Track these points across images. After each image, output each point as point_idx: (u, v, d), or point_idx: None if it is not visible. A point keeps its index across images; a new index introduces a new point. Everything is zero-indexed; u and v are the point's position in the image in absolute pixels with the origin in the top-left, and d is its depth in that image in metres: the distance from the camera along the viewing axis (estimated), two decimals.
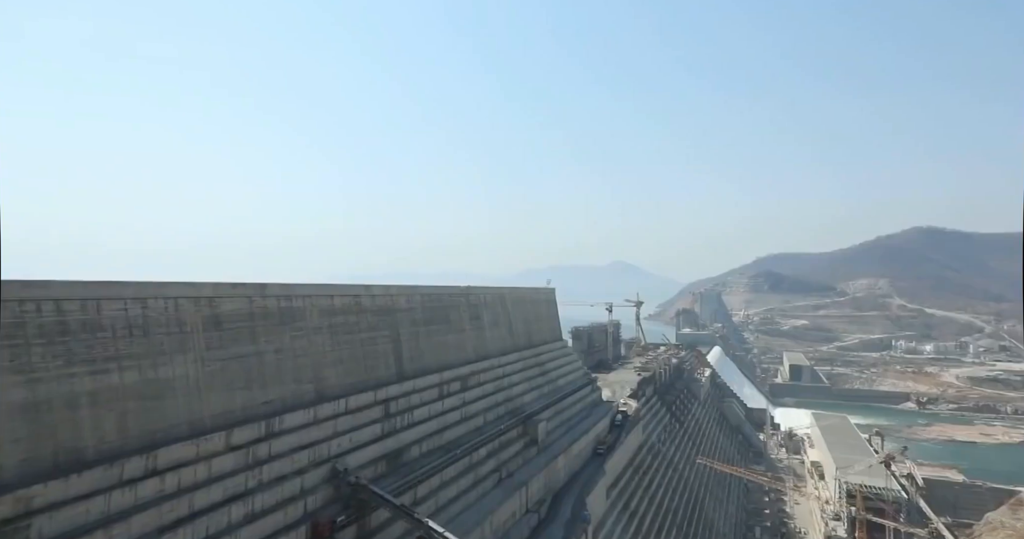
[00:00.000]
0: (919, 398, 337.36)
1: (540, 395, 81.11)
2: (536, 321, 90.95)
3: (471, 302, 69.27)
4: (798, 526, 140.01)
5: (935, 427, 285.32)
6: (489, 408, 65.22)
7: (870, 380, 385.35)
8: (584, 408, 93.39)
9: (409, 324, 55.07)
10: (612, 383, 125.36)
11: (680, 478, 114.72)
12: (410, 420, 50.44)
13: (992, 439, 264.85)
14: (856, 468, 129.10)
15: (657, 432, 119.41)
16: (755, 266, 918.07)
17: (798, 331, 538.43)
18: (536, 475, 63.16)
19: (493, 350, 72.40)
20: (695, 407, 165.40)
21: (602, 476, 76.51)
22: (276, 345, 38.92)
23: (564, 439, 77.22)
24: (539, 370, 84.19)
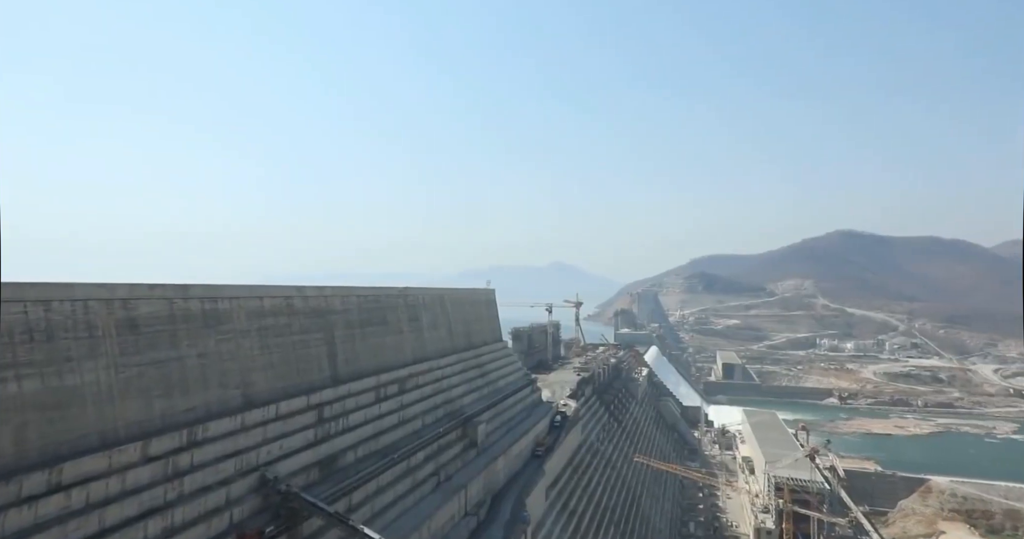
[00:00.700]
0: (841, 394, 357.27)
1: (480, 397, 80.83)
2: (476, 322, 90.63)
3: (409, 303, 68.27)
4: (730, 520, 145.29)
5: (855, 421, 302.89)
6: (428, 411, 64.43)
7: (797, 377, 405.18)
8: (524, 409, 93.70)
9: (344, 326, 53.67)
10: (552, 383, 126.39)
11: (618, 476, 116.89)
12: (345, 425, 49.15)
13: (905, 431, 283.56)
14: (784, 462, 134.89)
15: (596, 431, 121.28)
16: (690, 267, 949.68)
17: (731, 330, 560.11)
18: (475, 477, 62.85)
19: (432, 352, 71.61)
20: (633, 406, 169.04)
21: (541, 476, 76.95)
22: (200, 349, 37.01)
23: (504, 440, 77.22)
24: (479, 371, 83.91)
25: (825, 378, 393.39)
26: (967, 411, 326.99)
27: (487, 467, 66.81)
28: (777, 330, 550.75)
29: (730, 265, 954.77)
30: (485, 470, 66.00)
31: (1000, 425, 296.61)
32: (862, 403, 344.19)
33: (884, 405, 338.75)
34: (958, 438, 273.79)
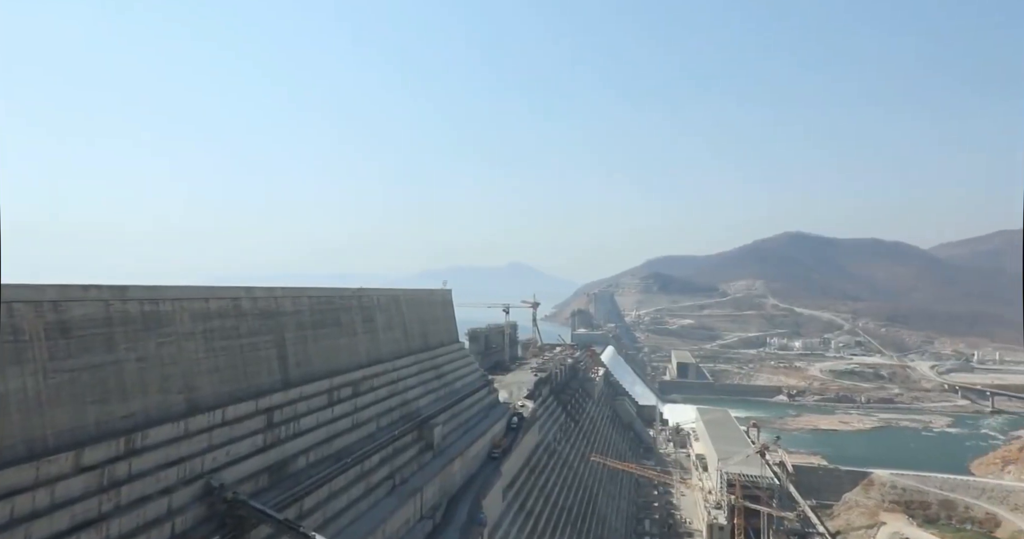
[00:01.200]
0: (789, 391, 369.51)
1: (436, 398, 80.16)
2: (432, 323, 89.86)
3: (364, 304, 67.11)
4: (684, 516, 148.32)
5: (803, 417, 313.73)
6: (383, 413, 63.49)
7: (748, 375, 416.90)
8: (481, 410, 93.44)
9: (296, 328, 52.31)
10: (509, 384, 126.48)
11: (575, 476, 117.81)
12: (296, 429, 47.90)
13: (849, 426, 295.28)
14: (735, 459, 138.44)
15: (553, 432, 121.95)
16: (646, 268, 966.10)
17: (685, 330, 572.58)
18: (431, 480, 62.32)
19: (387, 353, 70.60)
20: (589, 406, 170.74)
21: (498, 478, 76.85)
22: (139, 353, 35.37)
23: (461, 442, 76.82)
24: (435, 373, 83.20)
25: (775, 376, 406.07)
26: (906, 406, 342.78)
27: (443, 469, 66.33)
28: (729, 329, 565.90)
29: (684, 266, 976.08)
30: (441, 472, 65.52)
31: (936, 419, 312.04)
32: (810, 400, 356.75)
33: (830, 402, 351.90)
34: (898, 432, 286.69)
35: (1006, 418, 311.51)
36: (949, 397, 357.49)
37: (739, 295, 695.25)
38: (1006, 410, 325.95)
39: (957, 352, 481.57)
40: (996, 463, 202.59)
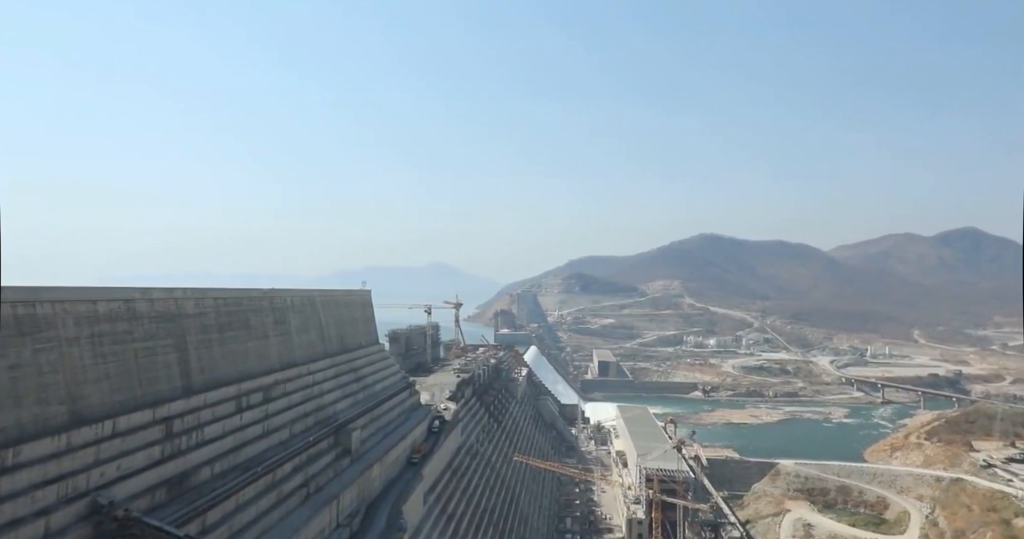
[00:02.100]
0: (704, 387, 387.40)
1: (354, 402, 78.05)
2: (350, 324, 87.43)
3: (276, 306, 64.25)
4: (605, 512, 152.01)
5: (717, 412, 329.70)
6: (296, 419, 61.05)
7: (666, 373, 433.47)
8: (402, 413, 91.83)
9: (199, 331, 49.26)
10: (431, 386, 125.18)
11: (498, 477, 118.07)
12: (200, 439, 45.12)
13: (759, 420, 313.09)
14: (654, 454, 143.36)
15: (476, 433, 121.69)
16: (568, 268, 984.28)
17: (606, 329, 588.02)
18: (349, 487, 60.51)
19: (301, 357, 67.95)
20: (513, 406, 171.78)
21: (419, 482, 75.74)
22: (11, 361, 32.02)
23: (380, 447, 75.12)
24: (353, 376, 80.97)
25: (691, 373, 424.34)
26: (809, 399, 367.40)
27: (362, 475, 64.59)
28: (649, 328, 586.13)
29: (605, 266, 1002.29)
30: (360, 478, 63.77)
31: (835, 411, 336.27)
32: (723, 395, 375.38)
33: (741, 396, 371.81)
34: (802, 424, 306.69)
35: (894, 408, 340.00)
36: (846, 390, 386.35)
37: (658, 295, 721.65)
38: (894, 400, 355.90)
39: (853, 347, 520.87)
40: (885, 450, 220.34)
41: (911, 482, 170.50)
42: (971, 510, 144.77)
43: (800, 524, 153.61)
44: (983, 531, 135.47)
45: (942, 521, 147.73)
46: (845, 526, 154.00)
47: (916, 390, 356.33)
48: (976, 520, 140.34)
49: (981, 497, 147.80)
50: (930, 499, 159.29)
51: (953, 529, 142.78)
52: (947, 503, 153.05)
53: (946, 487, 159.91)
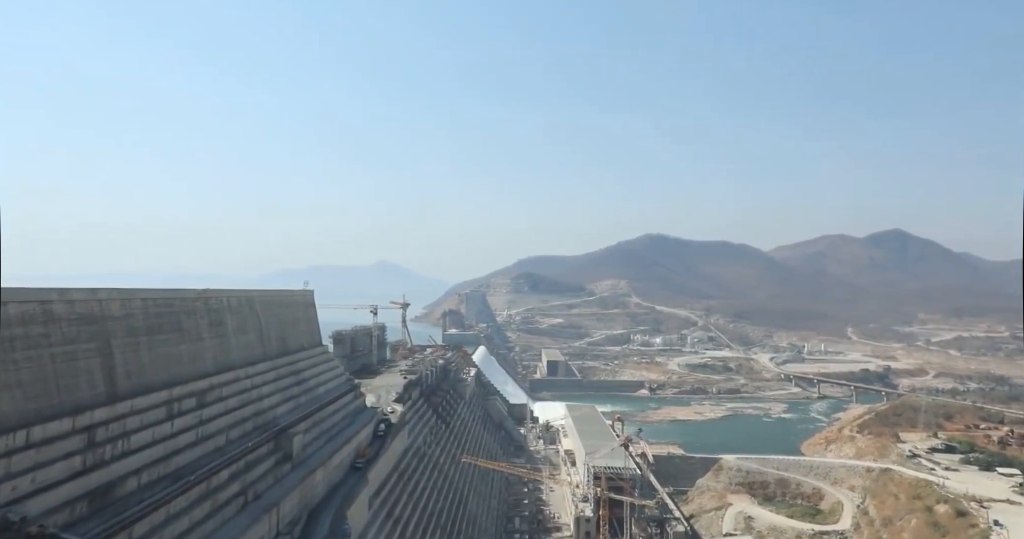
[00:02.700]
0: (651, 385, 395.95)
1: (296, 406, 75.95)
2: (292, 326, 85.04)
3: (211, 307, 61.77)
4: (553, 511, 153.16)
5: (663, 409, 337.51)
6: (234, 425, 58.90)
7: (614, 371, 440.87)
8: (346, 416, 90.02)
9: (126, 334, 46.79)
10: (377, 388, 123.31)
11: (445, 479, 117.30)
12: (126, 448, 42.89)
13: (703, 416, 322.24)
14: (601, 452, 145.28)
15: (423, 435, 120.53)
16: (517, 268, 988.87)
17: (555, 329, 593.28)
18: (290, 493, 58.86)
19: (239, 360, 65.58)
20: (461, 407, 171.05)
21: (364, 486, 74.42)
22: None
23: (323, 451, 73.38)
24: (295, 379, 78.78)
25: (638, 371, 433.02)
26: (750, 395, 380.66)
27: (304, 481, 62.94)
28: (597, 327, 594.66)
29: (554, 266, 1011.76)
30: (302, 484, 62.12)
31: (774, 406, 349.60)
32: (669, 393, 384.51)
33: (686, 393, 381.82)
34: (743, 419, 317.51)
35: (829, 402, 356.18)
36: (785, 386, 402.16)
37: (605, 294, 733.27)
38: (829, 395, 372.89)
39: (791, 345, 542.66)
40: (821, 443, 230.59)
41: (844, 473, 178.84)
42: (898, 498, 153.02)
43: (741, 517, 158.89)
44: (908, 518, 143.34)
45: (872, 510, 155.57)
46: (783, 518, 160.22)
47: (849, 385, 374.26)
48: (902, 508, 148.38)
49: (907, 486, 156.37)
50: (861, 489, 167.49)
51: (882, 517, 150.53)
52: (876, 492, 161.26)
53: (876, 477, 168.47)
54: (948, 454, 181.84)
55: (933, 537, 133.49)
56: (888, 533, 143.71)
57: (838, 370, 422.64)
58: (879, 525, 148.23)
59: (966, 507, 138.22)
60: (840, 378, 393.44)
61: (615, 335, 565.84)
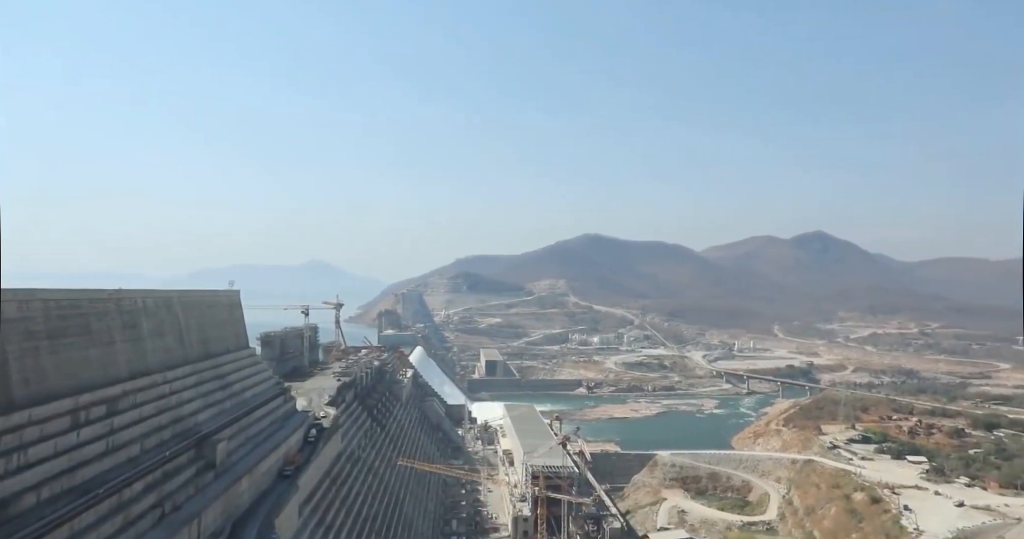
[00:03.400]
0: (588, 384, 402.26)
1: (220, 411, 72.73)
2: (215, 328, 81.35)
3: (124, 308, 58.15)
4: (491, 512, 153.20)
5: (600, 408, 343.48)
6: (149, 433, 55.74)
7: (552, 370, 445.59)
8: (275, 421, 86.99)
9: (24, 338, 43.36)
10: (309, 391, 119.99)
11: (381, 483, 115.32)
12: (23, 461, 39.77)
13: (638, 414, 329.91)
14: (540, 452, 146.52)
15: (358, 438, 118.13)
16: (455, 267, 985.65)
17: (493, 329, 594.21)
18: (212, 503, 56.21)
19: (156, 364, 62.15)
20: (397, 409, 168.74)
21: (294, 493, 72.02)
22: None
23: (250, 458, 70.57)
24: (219, 383, 75.43)
25: (576, 370, 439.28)
26: (684, 392, 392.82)
27: (228, 490, 60.27)
28: (535, 327, 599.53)
29: (492, 265, 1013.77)
30: (225, 494, 59.47)
31: (706, 402, 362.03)
32: (606, 391, 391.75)
33: (623, 391, 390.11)
34: (677, 416, 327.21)
35: (757, 398, 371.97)
36: (716, 382, 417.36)
37: (544, 294, 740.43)
38: (758, 391, 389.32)
39: (723, 342, 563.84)
40: (750, 437, 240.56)
41: (771, 466, 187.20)
42: (819, 488, 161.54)
43: (675, 511, 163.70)
44: (829, 506, 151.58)
45: (796, 500, 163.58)
46: (715, 510, 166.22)
47: (776, 381, 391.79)
48: (823, 497, 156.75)
49: (828, 476, 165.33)
50: (786, 480, 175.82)
51: (804, 506, 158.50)
52: (800, 483, 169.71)
53: (799, 468, 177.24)
54: (864, 444, 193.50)
55: (850, 524, 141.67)
56: (810, 522, 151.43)
57: (766, 366, 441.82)
58: (802, 514, 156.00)
59: (880, 494, 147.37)
60: (768, 374, 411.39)
61: (553, 334, 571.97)
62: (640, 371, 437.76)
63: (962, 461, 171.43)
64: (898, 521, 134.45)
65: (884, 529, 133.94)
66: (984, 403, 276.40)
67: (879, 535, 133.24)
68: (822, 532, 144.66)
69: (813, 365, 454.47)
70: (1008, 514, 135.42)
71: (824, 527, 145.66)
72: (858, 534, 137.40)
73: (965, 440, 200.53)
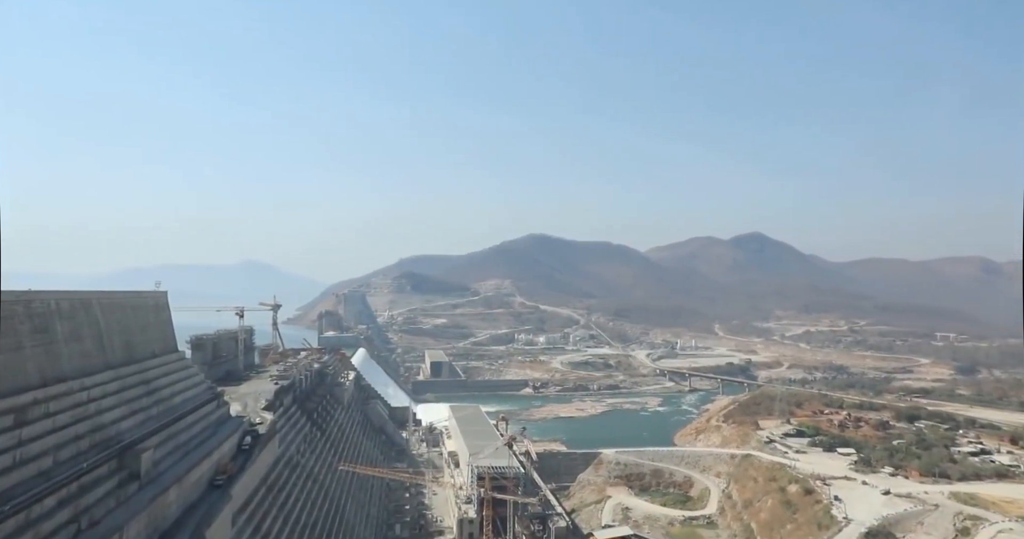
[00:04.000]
0: (535, 384, 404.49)
1: (146, 419, 69.16)
2: (140, 331, 77.30)
3: (35, 311, 54.32)
4: (436, 515, 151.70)
5: (546, 407, 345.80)
6: (64, 443, 52.36)
7: (498, 371, 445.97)
8: (207, 428, 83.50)
9: None
10: (244, 396, 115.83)
11: (321, 489, 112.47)
12: None
13: (584, 412, 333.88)
14: (485, 453, 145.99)
15: (296, 443, 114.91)
16: (399, 267, 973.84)
17: (438, 329, 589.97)
18: (136, 516, 53.37)
19: (72, 370, 58.41)
20: (338, 412, 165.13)
21: (227, 502, 69.29)
22: None
23: (179, 467, 67.45)
24: (144, 389, 71.70)
25: (522, 370, 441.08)
26: (628, 390, 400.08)
27: (153, 501, 57.38)
28: (481, 327, 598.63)
29: (437, 265, 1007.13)
30: (151, 505, 56.58)
31: (650, 400, 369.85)
32: (552, 391, 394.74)
33: (569, 391, 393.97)
34: (622, 414, 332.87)
35: (699, 395, 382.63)
36: (660, 380, 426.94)
37: (490, 294, 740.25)
38: (699, 388, 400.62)
39: (666, 341, 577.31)
40: (691, 434, 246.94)
41: (711, 461, 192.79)
42: (757, 482, 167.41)
43: (619, 508, 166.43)
44: (765, 499, 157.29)
45: (735, 494, 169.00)
46: (657, 506, 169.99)
47: (716, 378, 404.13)
48: (760, 490, 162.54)
49: (764, 469, 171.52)
50: (726, 475, 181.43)
51: (743, 500, 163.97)
52: (738, 477, 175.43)
53: (738, 463, 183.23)
54: (798, 438, 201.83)
55: (785, 515, 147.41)
56: (748, 514, 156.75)
57: (707, 364, 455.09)
58: (741, 507, 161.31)
59: (812, 486, 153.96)
60: (708, 372, 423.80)
61: (499, 335, 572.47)
62: (586, 370, 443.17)
63: (887, 452, 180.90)
64: (829, 511, 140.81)
65: (816, 519, 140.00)
66: (906, 396, 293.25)
67: (811, 525, 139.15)
68: (759, 524, 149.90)
69: (751, 362, 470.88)
70: (927, 501, 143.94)
71: (761, 519, 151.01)
72: (792, 525, 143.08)
73: (890, 432, 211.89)
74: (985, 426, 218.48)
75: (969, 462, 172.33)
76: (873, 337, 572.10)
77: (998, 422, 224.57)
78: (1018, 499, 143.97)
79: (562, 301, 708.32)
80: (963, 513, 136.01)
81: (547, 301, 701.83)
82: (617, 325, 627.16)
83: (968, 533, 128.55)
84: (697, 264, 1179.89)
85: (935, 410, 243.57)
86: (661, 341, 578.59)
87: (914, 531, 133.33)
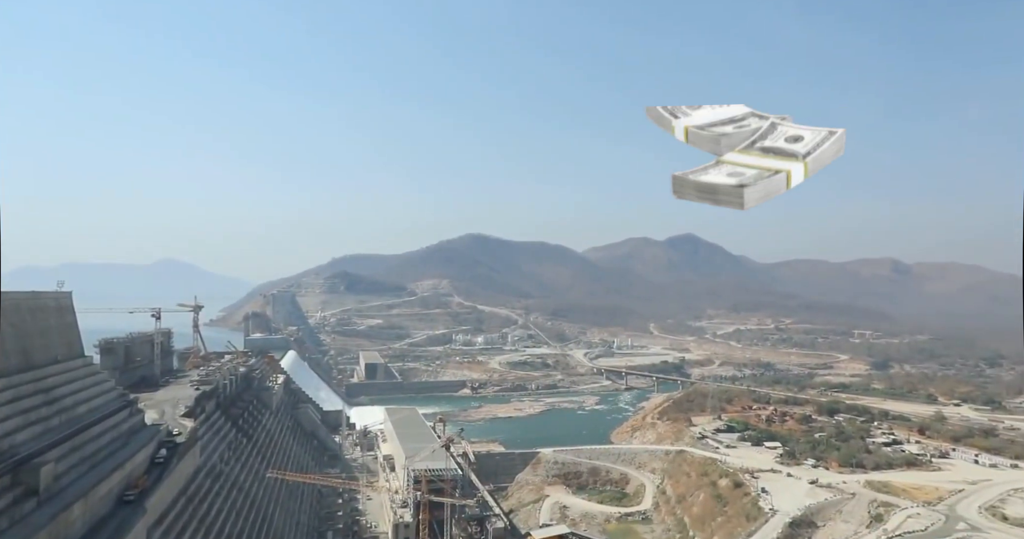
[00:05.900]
0: (472, 384, 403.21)
1: (46, 430, 64.29)
2: (40, 335, 71.73)
3: None
4: (370, 521, 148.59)
5: (485, 408, 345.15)
6: None
7: (436, 372, 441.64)
8: (118, 438, 78.48)
9: None
10: (161, 402, 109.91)
11: (247, 498, 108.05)
12: None
13: (523, 412, 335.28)
14: (422, 455, 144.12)
15: (220, 451, 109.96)
16: (331, 267, 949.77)
17: (374, 330, 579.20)
18: (35, 535, 49.49)
19: None
20: (266, 418, 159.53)
21: (141, 516, 65.23)
22: None
23: (85, 481, 63.02)
24: (43, 398, 66.59)
25: (460, 371, 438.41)
26: (566, 389, 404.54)
27: (55, 519, 53.26)
28: (418, 328, 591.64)
29: (372, 265, 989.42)
30: (52, 523, 52.49)
31: (588, 399, 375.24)
32: (490, 391, 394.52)
33: (507, 391, 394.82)
34: (560, 413, 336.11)
35: (635, 393, 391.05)
36: (597, 379, 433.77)
37: (427, 294, 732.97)
38: (636, 386, 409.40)
39: (603, 340, 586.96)
40: (628, 431, 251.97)
41: (647, 458, 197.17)
42: (690, 477, 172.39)
43: (557, 507, 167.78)
44: (697, 493, 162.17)
45: (669, 489, 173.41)
46: (594, 504, 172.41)
47: (651, 376, 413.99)
48: (693, 485, 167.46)
49: (697, 464, 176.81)
50: (661, 471, 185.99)
51: (676, 495, 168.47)
52: (672, 473, 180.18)
53: (672, 459, 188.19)
54: (728, 433, 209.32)
55: (716, 508, 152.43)
56: (681, 509, 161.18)
57: (643, 362, 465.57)
58: (674, 502, 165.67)
59: (742, 479, 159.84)
60: (644, 370, 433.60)
61: (437, 335, 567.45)
62: (524, 370, 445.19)
63: (809, 445, 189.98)
64: (757, 503, 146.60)
65: (745, 511, 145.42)
66: (827, 391, 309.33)
67: (740, 517, 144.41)
68: (692, 518, 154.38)
69: (685, 360, 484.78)
70: (845, 490, 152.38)
71: (693, 513, 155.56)
72: (723, 517, 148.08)
73: (812, 425, 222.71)
74: (896, 418, 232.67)
75: (883, 452, 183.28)
76: (798, 335, 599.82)
77: (908, 414, 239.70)
78: (925, 486, 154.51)
79: (500, 301, 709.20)
80: (877, 500, 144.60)
81: (485, 301, 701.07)
82: (555, 325, 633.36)
83: (882, 519, 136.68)
84: (633, 264, 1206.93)
85: (852, 404, 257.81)
86: (598, 340, 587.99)
87: (833, 519, 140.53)
